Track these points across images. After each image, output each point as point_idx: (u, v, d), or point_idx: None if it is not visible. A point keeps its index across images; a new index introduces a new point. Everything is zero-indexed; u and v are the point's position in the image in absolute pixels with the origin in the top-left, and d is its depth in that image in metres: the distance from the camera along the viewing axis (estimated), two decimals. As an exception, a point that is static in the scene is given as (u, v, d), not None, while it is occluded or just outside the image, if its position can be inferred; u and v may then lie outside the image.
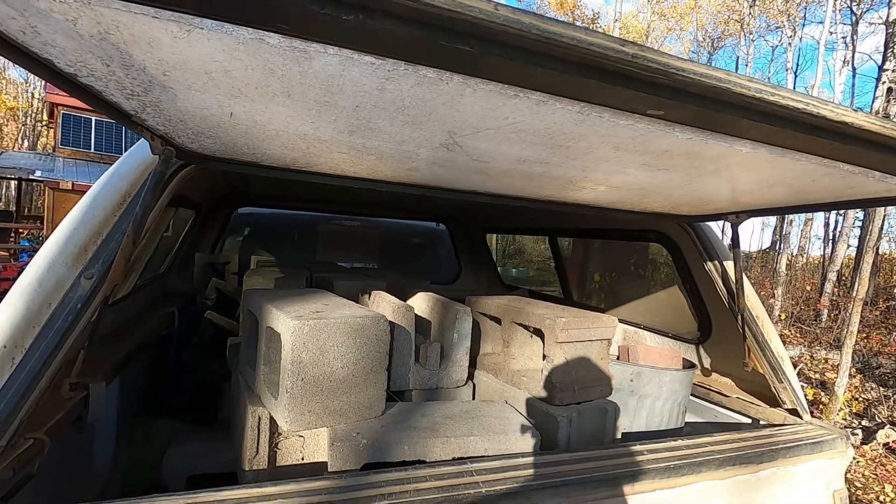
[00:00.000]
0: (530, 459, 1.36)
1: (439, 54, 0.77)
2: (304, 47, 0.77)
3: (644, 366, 2.05)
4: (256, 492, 1.08)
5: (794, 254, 15.33)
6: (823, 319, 11.07)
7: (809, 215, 14.74)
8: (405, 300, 2.26)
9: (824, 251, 15.82)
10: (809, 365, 8.22)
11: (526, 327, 1.91)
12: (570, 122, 1.05)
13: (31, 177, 13.51)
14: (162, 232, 2.54)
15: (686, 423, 2.28)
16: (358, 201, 4.07)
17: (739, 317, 1.96)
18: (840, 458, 1.74)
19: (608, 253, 3.15)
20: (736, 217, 1.88)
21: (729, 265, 2.03)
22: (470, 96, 0.93)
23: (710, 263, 2.07)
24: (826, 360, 8.30)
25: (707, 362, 2.43)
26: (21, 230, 15.33)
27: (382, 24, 0.67)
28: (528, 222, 3.84)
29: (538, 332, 1.86)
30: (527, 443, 1.48)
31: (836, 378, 6.05)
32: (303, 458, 1.53)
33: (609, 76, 0.83)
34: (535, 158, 1.31)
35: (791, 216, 14.10)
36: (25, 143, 28.05)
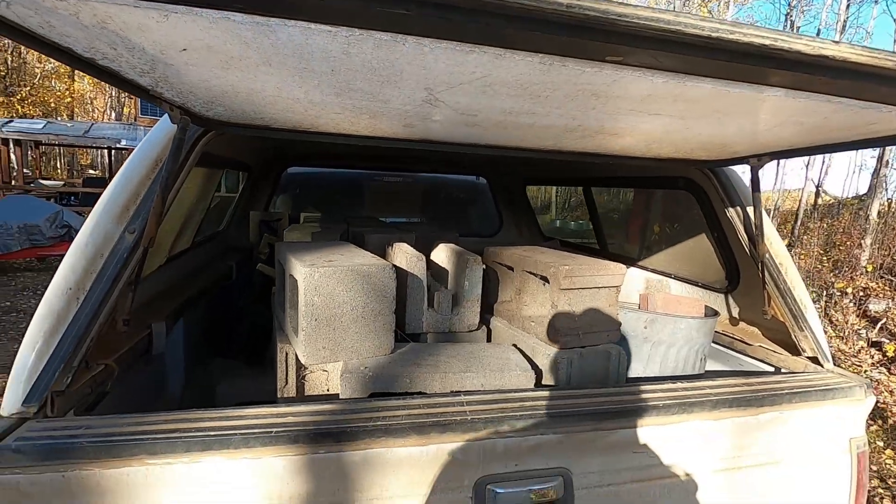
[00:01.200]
0: (520, 394, 1.48)
1: (382, 19, 0.84)
2: (265, 21, 0.86)
3: (658, 313, 2.07)
4: (273, 410, 1.28)
5: (891, 198, 13.77)
6: (919, 271, 10.04)
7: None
8: (430, 251, 2.39)
9: (927, 195, 14.07)
10: None
11: (535, 275, 1.98)
12: (536, 73, 1.08)
13: (117, 146, 14.81)
14: (212, 192, 2.81)
15: (707, 370, 2.29)
16: (399, 157, 4.19)
17: (760, 264, 1.91)
18: (856, 405, 1.70)
19: (641, 202, 3.08)
20: (757, 160, 1.80)
21: (751, 211, 1.96)
22: (430, 54, 0.99)
23: (731, 210, 2.01)
24: (915, 315, 7.62)
25: (735, 311, 2.38)
26: (115, 195, 16.97)
27: None
28: (565, 174, 3.79)
29: (545, 280, 1.93)
30: (521, 380, 1.59)
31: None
32: (328, 390, 1.74)
33: (552, 27, 0.86)
34: (520, 109, 1.34)
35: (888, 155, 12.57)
36: (112, 115, 30.47)
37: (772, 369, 2.08)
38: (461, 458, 1.34)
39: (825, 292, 8.58)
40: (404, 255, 1.97)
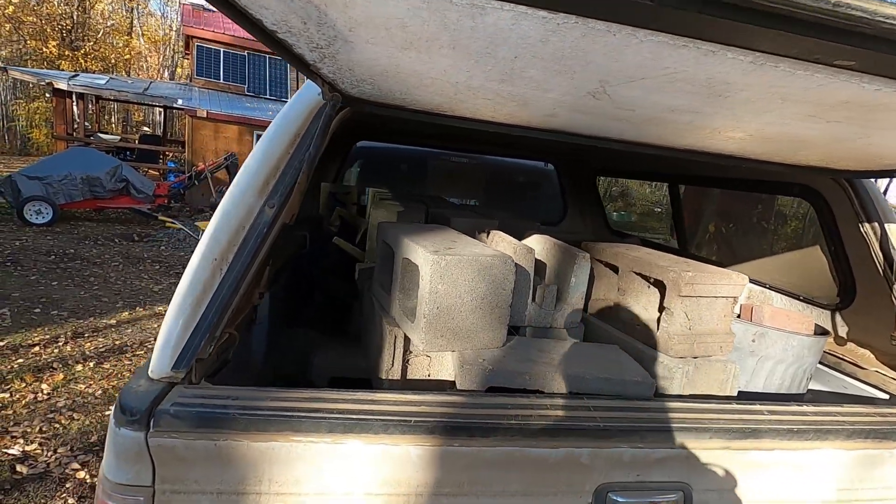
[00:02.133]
0: (645, 403, 1.43)
1: (618, 7, 0.78)
2: (482, 3, 0.81)
3: (770, 327, 1.97)
4: (407, 397, 1.28)
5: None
6: None
7: None
8: (520, 241, 2.34)
9: None
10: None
11: (646, 277, 1.90)
12: (736, 73, 1.00)
13: (174, 105, 15.16)
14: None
15: (809, 390, 2.18)
16: (470, 137, 4.11)
17: (893, 282, 1.78)
18: None
19: (733, 204, 2.93)
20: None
21: (891, 228, 1.82)
22: (635, 47, 0.92)
23: (867, 225, 1.87)
24: None
25: (843, 331, 2.25)
26: (167, 153, 17.52)
27: None
28: (646, 166, 3.64)
29: (658, 283, 1.85)
30: (641, 388, 1.54)
31: None
32: (429, 375, 1.74)
33: (799, 25, 0.78)
34: (686, 108, 1.25)
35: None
36: (165, 73, 31.20)
37: (887, 397, 1.97)
38: (587, 464, 1.32)
39: None
40: (510, 245, 1.93)
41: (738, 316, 2.27)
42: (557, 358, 1.61)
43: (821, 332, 2.11)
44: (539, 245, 2.21)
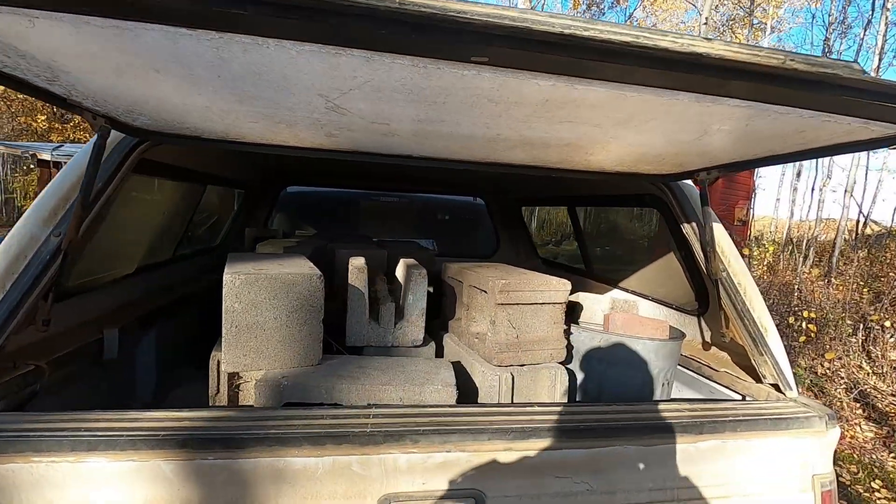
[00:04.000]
0: (435, 409, 1.42)
1: (224, 19, 0.86)
2: (123, 25, 0.89)
3: (612, 333, 1.97)
4: (169, 413, 1.28)
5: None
6: None
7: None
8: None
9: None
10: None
11: (479, 290, 1.93)
12: (417, 77, 1.08)
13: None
14: (193, 206, 2.89)
15: (675, 397, 2.16)
16: (396, 177, 4.24)
17: (715, 282, 1.81)
18: (815, 438, 1.56)
19: (617, 221, 3.00)
20: (707, 174, 1.72)
21: (714, 227, 1.87)
22: (299, 57, 1.00)
23: (687, 226, 1.92)
24: None
25: (708, 335, 2.25)
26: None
27: None
28: (556, 192, 3.74)
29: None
30: (443, 395, 1.54)
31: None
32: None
33: (387, 24, 0.85)
34: (426, 117, 1.33)
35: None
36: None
37: (738, 397, 1.94)
38: (361, 473, 1.30)
39: (863, 325, 8.06)
40: (351, 267, 1.97)
41: (602, 326, 2.27)
42: (368, 373, 1.62)
43: (678, 336, 2.11)
44: (399, 269, 2.25)
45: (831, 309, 7.88)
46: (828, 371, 6.75)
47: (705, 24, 8.17)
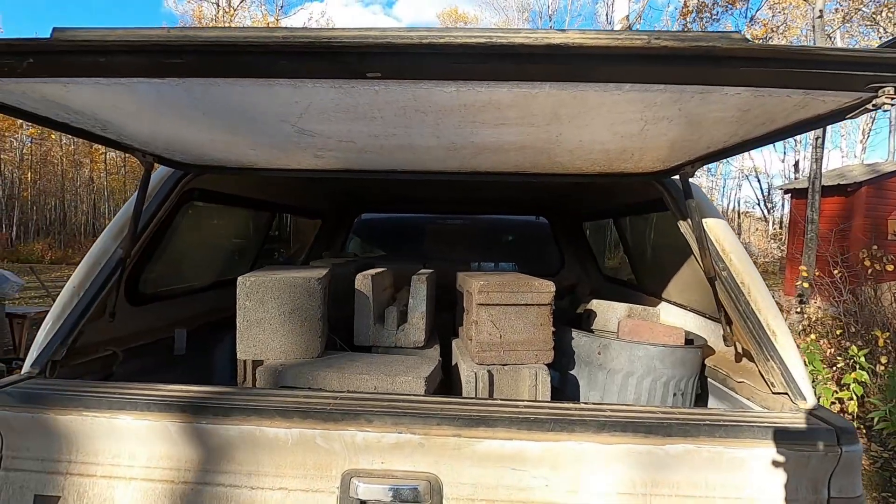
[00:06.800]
0: (394, 396, 1.55)
1: (165, 69, 1.13)
2: (119, 81, 1.22)
3: (611, 339, 1.92)
4: (185, 388, 1.58)
5: None
6: None
7: None
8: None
9: None
10: None
11: (467, 292, 2.02)
12: (342, 96, 1.26)
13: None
14: (265, 233, 3.38)
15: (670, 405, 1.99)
16: (460, 200, 4.45)
17: (713, 282, 1.69)
18: (821, 455, 1.37)
19: (662, 230, 2.86)
20: (691, 167, 1.65)
21: (710, 224, 1.76)
22: (245, 90, 1.25)
23: (684, 223, 1.82)
24: None
25: (739, 344, 2.05)
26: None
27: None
28: (602, 206, 3.64)
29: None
30: (412, 386, 1.65)
31: None
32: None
33: (297, 55, 1.05)
34: (377, 132, 1.51)
35: None
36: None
37: (759, 409, 1.75)
38: (325, 446, 1.47)
39: None
40: (358, 278, 2.19)
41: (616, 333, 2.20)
42: (354, 365, 1.80)
43: (700, 344, 1.96)
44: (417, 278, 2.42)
45: None
46: None
47: (819, 17, 7.33)
